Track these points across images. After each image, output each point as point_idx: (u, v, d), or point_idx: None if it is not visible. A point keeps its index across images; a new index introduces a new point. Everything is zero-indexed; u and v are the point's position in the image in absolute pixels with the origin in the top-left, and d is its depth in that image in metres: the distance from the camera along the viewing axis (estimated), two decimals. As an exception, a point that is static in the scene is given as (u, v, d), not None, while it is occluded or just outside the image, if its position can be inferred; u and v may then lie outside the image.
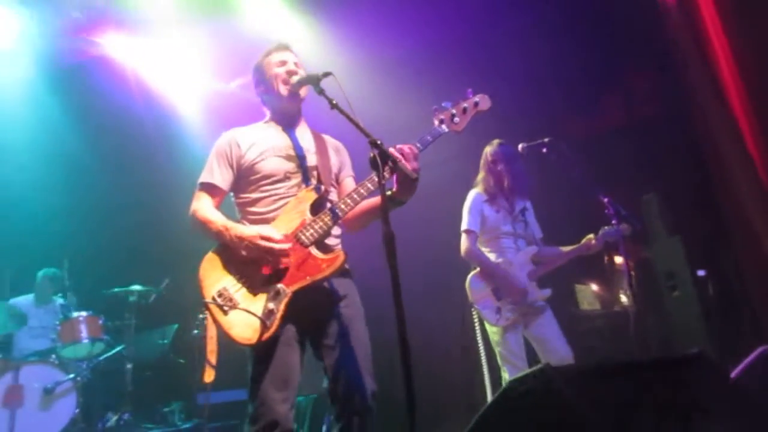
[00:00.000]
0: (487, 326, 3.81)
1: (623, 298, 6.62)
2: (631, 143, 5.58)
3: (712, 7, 4.28)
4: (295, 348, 2.23)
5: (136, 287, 5.26)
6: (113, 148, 5.95)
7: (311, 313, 2.25)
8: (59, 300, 5.47)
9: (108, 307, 5.33)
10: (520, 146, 3.84)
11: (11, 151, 5.53)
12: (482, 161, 4.00)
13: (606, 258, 6.77)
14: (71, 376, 4.69)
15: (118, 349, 5.17)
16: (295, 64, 2.49)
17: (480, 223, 3.87)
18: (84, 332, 4.91)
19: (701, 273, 4.98)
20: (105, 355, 5.10)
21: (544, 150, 3.70)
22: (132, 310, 5.23)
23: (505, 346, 3.68)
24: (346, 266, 2.36)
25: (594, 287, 6.45)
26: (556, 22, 5.39)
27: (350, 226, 2.49)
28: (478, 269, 3.84)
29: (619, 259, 7.02)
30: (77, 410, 4.61)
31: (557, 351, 3.64)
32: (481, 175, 4.00)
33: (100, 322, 5.04)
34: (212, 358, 2.09)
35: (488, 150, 3.98)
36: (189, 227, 2.39)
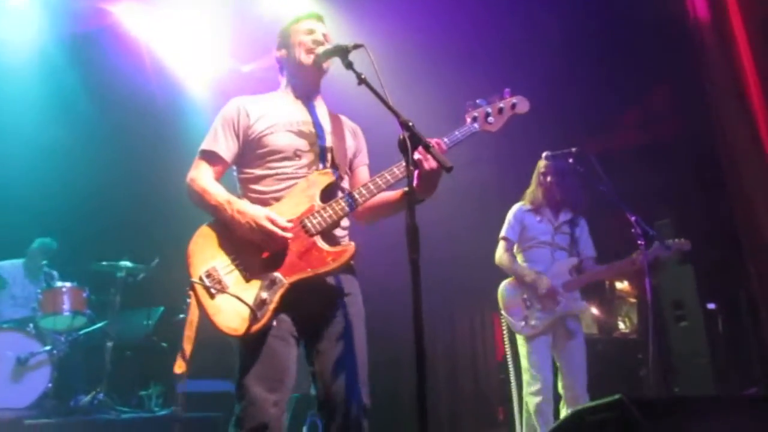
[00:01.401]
0: (517, 337, 3.75)
1: (622, 325, 6.46)
2: (646, 164, 5.41)
3: (743, 26, 4.12)
4: (291, 344, 2.00)
5: (125, 263, 5.06)
6: (117, 119, 5.78)
7: (308, 309, 2.03)
8: (45, 268, 5.29)
9: (94, 281, 5.14)
10: (543, 155, 3.72)
11: (13, 113, 5.34)
12: (534, 175, 3.93)
13: (608, 283, 6.61)
14: (47, 348, 4.50)
15: (99, 325, 4.97)
16: (324, 35, 2.27)
17: (519, 232, 3.85)
18: (66, 304, 4.73)
19: (711, 306, 4.81)
20: (85, 330, 4.91)
21: (570, 160, 3.52)
22: (118, 286, 5.03)
23: (529, 356, 3.60)
24: (351, 261, 2.16)
25: (593, 311, 6.27)
26: (575, 35, 5.23)
27: (361, 218, 2.28)
28: (512, 278, 3.81)
29: (620, 285, 6.87)
30: (50, 384, 4.41)
31: (572, 389, 3.53)
32: (530, 189, 3.94)
33: (85, 295, 4.86)
34: (187, 345, 1.87)
35: (540, 163, 3.89)
36: (186, 197, 2.16)
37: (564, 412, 3.51)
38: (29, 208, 5.51)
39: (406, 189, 1.78)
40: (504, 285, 3.84)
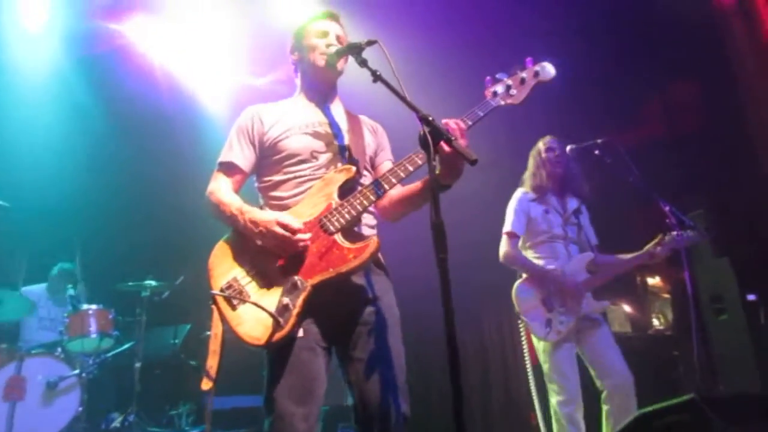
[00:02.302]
0: (535, 340, 3.46)
1: (656, 322, 6.27)
2: (678, 155, 5.25)
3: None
4: (320, 354, 1.93)
5: (150, 282, 5.05)
6: (135, 138, 5.81)
7: (337, 315, 1.96)
8: (70, 291, 5.31)
9: (119, 301, 5.14)
10: (568, 148, 3.51)
11: (32, 136, 5.40)
12: (532, 157, 3.67)
13: (639, 278, 6.42)
14: (76, 371, 4.48)
15: (127, 345, 4.96)
16: (338, 37, 2.22)
17: (525, 224, 3.54)
18: (93, 326, 4.72)
19: (752, 297, 4.62)
20: (113, 351, 4.90)
21: (597, 152, 3.36)
22: (144, 305, 5.01)
23: (554, 363, 3.33)
24: (381, 259, 2.08)
25: (626, 308, 6.09)
26: (599, 25, 5.11)
27: (386, 214, 2.20)
28: (525, 276, 3.49)
29: (652, 280, 6.67)
30: (80, 408, 4.39)
31: (616, 374, 3.26)
32: (529, 171, 3.65)
33: (111, 316, 4.85)
34: (213, 360, 1.81)
35: (540, 144, 3.65)
36: (206, 212, 2.13)
37: (607, 407, 3.25)
38: (51, 231, 5.55)
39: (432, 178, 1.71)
40: (517, 285, 3.51)
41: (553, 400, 3.33)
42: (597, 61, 5.15)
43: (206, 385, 1.79)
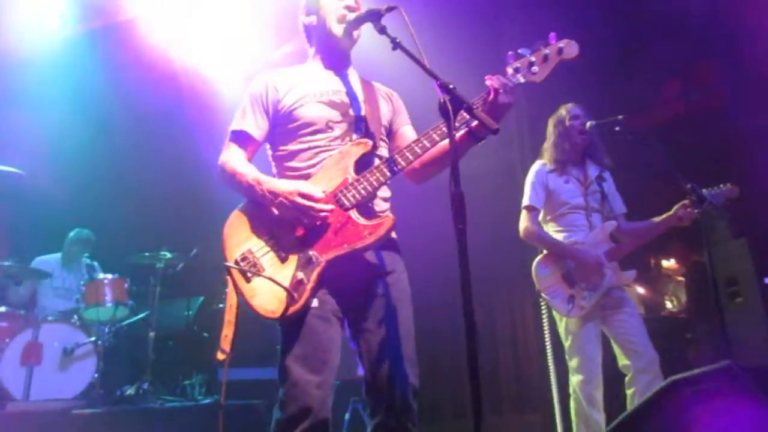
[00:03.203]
0: (557, 318, 3.38)
1: (668, 304, 6.23)
2: (693, 135, 5.15)
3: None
4: (335, 324, 1.93)
5: (165, 254, 5.09)
6: (150, 111, 5.79)
7: (350, 287, 1.96)
8: (86, 260, 5.37)
9: (134, 272, 5.19)
10: (588, 123, 3.38)
11: (44, 110, 5.40)
12: (554, 126, 3.53)
13: (653, 261, 6.37)
14: (92, 338, 4.56)
15: (141, 315, 5.03)
16: (356, 0, 2.15)
17: (545, 198, 3.43)
18: (109, 295, 4.79)
19: (768, 280, 4.56)
20: (128, 321, 4.97)
21: (617, 129, 3.26)
22: (158, 277, 5.07)
23: (576, 339, 3.23)
24: (394, 235, 2.05)
25: (639, 290, 6.06)
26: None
27: (416, 176, 2.16)
28: (545, 253, 3.40)
29: (666, 263, 6.61)
30: (96, 375, 4.47)
31: (643, 353, 3.15)
32: (549, 142, 3.52)
33: (126, 286, 4.91)
34: (228, 330, 1.81)
35: (563, 112, 3.51)
36: (218, 181, 2.10)
37: (632, 390, 3.15)
38: (66, 203, 5.60)
39: (467, 130, 1.77)
40: (537, 263, 3.39)
41: (574, 379, 3.27)
42: (617, 40, 5.03)
43: (221, 355, 1.81)
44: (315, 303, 1.88)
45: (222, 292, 4.94)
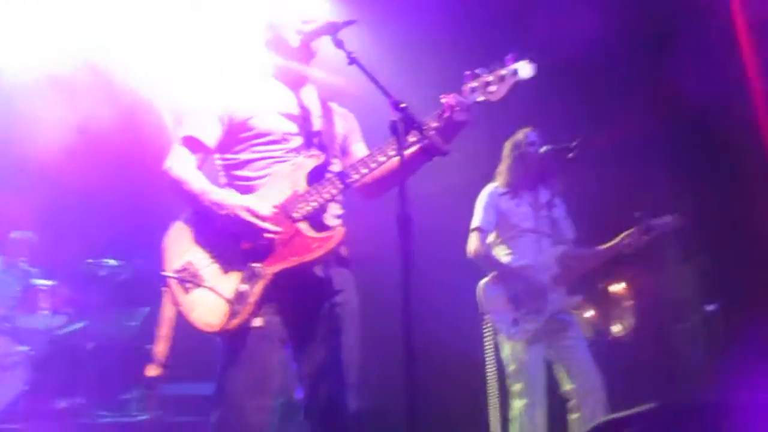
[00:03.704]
0: (502, 341, 3.36)
1: (616, 328, 6.36)
2: (645, 159, 5.30)
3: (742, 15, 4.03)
4: (278, 346, 1.86)
5: (110, 262, 4.89)
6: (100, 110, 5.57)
7: (297, 308, 1.89)
8: (25, 266, 5.10)
9: (76, 279, 4.96)
10: (542, 149, 3.42)
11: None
12: (509, 149, 3.56)
13: (601, 284, 6.49)
14: (24, 348, 4.31)
15: (80, 325, 4.79)
16: (314, 14, 2.10)
17: (495, 220, 3.44)
18: (46, 302, 4.58)
19: (712, 307, 4.69)
20: (65, 330, 4.73)
21: (571, 155, 3.31)
22: (101, 285, 4.86)
23: (521, 364, 3.22)
24: (344, 251, 2.00)
25: (588, 314, 6.15)
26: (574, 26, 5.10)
27: (368, 191, 2.13)
28: (492, 274, 3.39)
29: (615, 287, 6.76)
30: (26, 386, 4.22)
31: (587, 377, 3.17)
32: (504, 165, 3.54)
33: (65, 293, 4.70)
34: (161, 346, 1.74)
35: (520, 136, 3.54)
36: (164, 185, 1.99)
37: (575, 416, 3.17)
38: (4, 206, 5.32)
39: (419, 147, 1.77)
40: (483, 284, 3.37)
41: (517, 403, 3.24)
42: (577, 60, 5.13)
43: (153, 371, 1.70)
44: (259, 323, 1.80)
45: (168, 303, 4.76)
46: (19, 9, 4.69)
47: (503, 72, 1.97)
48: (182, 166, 1.96)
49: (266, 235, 1.81)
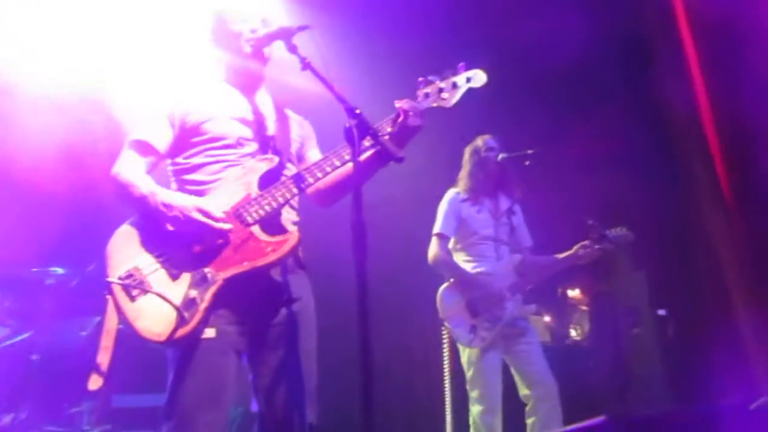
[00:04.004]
0: (460, 348, 3.37)
1: (573, 333, 6.48)
2: (600, 174, 5.43)
3: (691, 38, 4.19)
4: (230, 357, 1.79)
5: (56, 270, 4.68)
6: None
7: (251, 316, 1.83)
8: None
9: (20, 288, 4.73)
10: (499, 156, 3.49)
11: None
12: (468, 155, 3.60)
13: (559, 290, 6.61)
14: (-38, 362, 4.09)
15: (23, 336, 4.57)
16: (265, 20, 2.07)
17: (456, 226, 3.47)
18: (-14, 314, 4.33)
19: (662, 312, 4.83)
20: (6, 343, 4.50)
21: (527, 163, 3.39)
22: (48, 294, 4.64)
23: (478, 370, 3.24)
24: (300, 256, 1.96)
25: (546, 319, 6.26)
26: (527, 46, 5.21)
27: (323, 198, 2.10)
28: (451, 281, 3.41)
29: (572, 292, 6.90)
30: (-36, 403, 4.00)
31: (542, 382, 3.22)
32: (465, 171, 3.58)
33: (7, 304, 4.48)
34: (104, 357, 1.65)
35: (480, 142, 3.59)
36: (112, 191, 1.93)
37: (532, 420, 3.20)
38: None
39: (374, 153, 1.76)
40: (442, 290, 3.40)
41: (474, 409, 3.26)
42: (527, 79, 5.23)
43: (95, 383, 1.62)
44: (212, 334, 1.74)
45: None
46: None
47: (456, 79, 2.01)
48: (130, 169, 1.90)
49: (220, 234, 1.76)
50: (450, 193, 3.58)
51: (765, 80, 3.45)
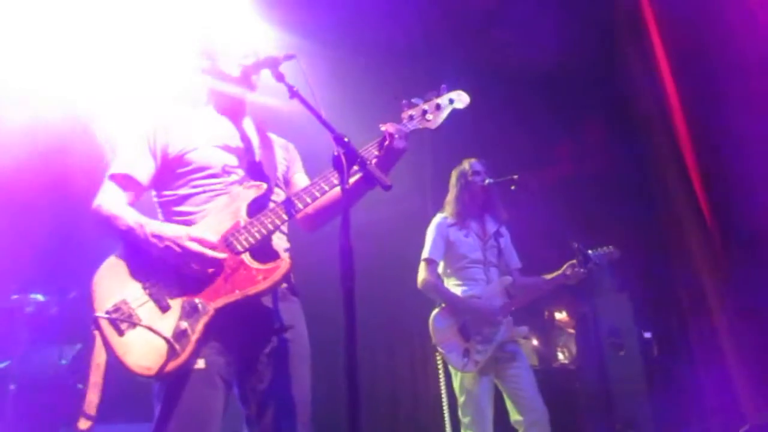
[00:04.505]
0: (452, 371, 3.37)
1: (561, 356, 6.48)
2: (582, 194, 5.50)
3: (665, 57, 4.28)
4: (219, 388, 1.76)
5: (36, 297, 4.60)
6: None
7: (243, 346, 1.81)
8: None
9: (-2, 316, 4.63)
10: (485, 181, 3.54)
11: None
12: (455, 178, 3.64)
13: (546, 313, 6.63)
14: (-63, 394, 3.97)
15: (2, 365, 4.46)
16: (251, 48, 2.08)
17: (444, 251, 3.49)
18: (-37, 343, 4.22)
19: (647, 334, 4.86)
20: (-16, 372, 4.39)
21: (513, 187, 3.43)
22: (27, 322, 4.55)
23: (471, 395, 3.24)
24: (290, 282, 1.95)
25: (534, 342, 6.27)
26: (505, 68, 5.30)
27: (311, 223, 2.11)
28: (442, 306, 3.42)
29: (559, 315, 6.92)
30: (-61, 436, 3.87)
31: (532, 409, 3.22)
32: (452, 195, 3.62)
33: (-14, 332, 4.36)
34: (94, 395, 1.59)
35: (466, 166, 3.63)
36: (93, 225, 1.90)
37: None
38: None
39: (360, 177, 1.77)
40: (434, 315, 3.41)
41: None
42: (507, 102, 5.32)
43: (84, 424, 1.58)
44: (201, 364, 1.72)
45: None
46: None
47: (439, 101, 2.06)
48: (113, 202, 1.87)
49: (214, 262, 1.74)
50: (437, 218, 3.60)
51: (741, 92, 3.54)
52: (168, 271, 1.75)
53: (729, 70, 3.65)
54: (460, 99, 2.12)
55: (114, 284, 1.73)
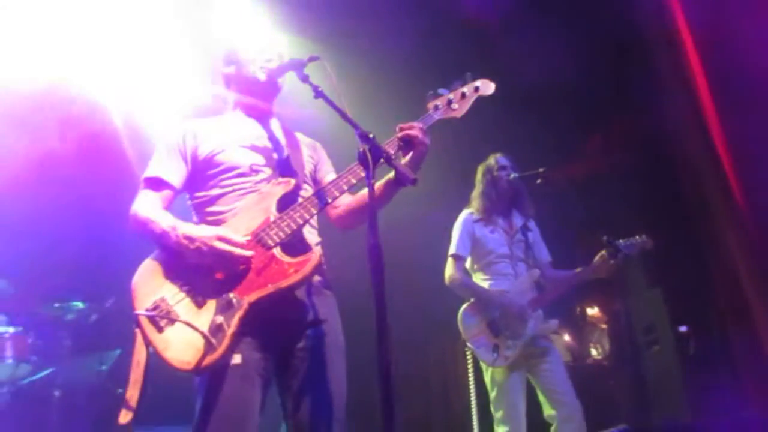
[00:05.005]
0: (483, 367, 3.38)
1: (594, 352, 6.40)
2: (611, 189, 5.43)
3: (693, 47, 4.23)
4: (256, 382, 1.80)
5: (77, 304, 4.74)
6: (67, 150, 5.48)
7: (278, 341, 1.86)
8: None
9: (40, 324, 4.79)
10: (511, 176, 3.53)
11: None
12: (481, 174, 3.65)
13: (578, 309, 6.57)
14: (-14, 400, 4.13)
15: (45, 372, 4.61)
16: (274, 51, 2.16)
17: (471, 246, 3.49)
18: (8, 351, 4.38)
19: (683, 329, 4.77)
20: (30, 379, 4.54)
21: (539, 181, 3.42)
22: (68, 329, 4.70)
23: (502, 390, 3.24)
24: (323, 276, 1.99)
25: (566, 338, 6.20)
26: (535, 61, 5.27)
27: (343, 222, 2.15)
28: (471, 301, 3.43)
29: (591, 311, 6.84)
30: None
31: (567, 402, 3.19)
32: (477, 190, 3.62)
33: (29, 341, 4.52)
34: (134, 390, 1.66)
35: (492, 161, 3.64)
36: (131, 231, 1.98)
37: None
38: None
39: (390, 177, 1.80)
40: (462, 312, 3.42)
41: (499, 429, 3.24)
42: (535, 96, 5.28)
43: (125, 417, 1.65)
44: (238, 360, 1.76)
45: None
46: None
47: (464, 89, 2.07)
48: (147, 207, 1.95)
49: (243, 260, 1.79)
50: (463, 214, 3.62)
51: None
52: (202, 269, 1.81)
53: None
54: (485, 87, 2.13)
55: (152, 284, 1.81)
